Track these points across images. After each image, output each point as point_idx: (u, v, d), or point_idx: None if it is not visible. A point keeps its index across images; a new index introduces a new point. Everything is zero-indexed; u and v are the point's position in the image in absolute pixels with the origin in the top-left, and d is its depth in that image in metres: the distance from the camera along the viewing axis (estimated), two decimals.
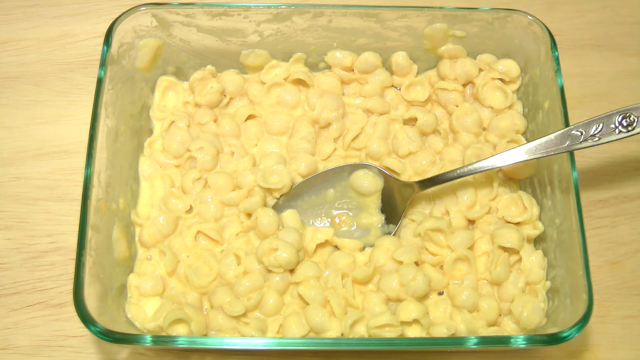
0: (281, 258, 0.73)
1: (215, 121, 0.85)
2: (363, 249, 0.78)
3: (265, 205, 0.79)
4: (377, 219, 0.79)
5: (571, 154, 0.74)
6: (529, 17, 0.81)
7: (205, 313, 0.74)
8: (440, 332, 0.71)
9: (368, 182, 0.80)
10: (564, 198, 0.74)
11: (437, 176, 0.77)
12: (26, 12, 0.99)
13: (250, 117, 0.86)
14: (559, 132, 0.71)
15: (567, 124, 0.75)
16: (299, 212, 0.79)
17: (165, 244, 0.78)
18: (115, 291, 0.73)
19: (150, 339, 0.65)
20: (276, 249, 0.74)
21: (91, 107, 0.75)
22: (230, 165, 0.82)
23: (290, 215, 0.78)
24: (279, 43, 0.86)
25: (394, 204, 0.79)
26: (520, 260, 0.77)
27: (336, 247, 0.78)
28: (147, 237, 0.78)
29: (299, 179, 0.80)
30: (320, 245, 0.78)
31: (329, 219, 0.80)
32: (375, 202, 0.80)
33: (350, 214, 0.80)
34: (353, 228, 0.80)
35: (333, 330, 0.72)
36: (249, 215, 0.79)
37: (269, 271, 0.75)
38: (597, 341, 0.79)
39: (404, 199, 0.78)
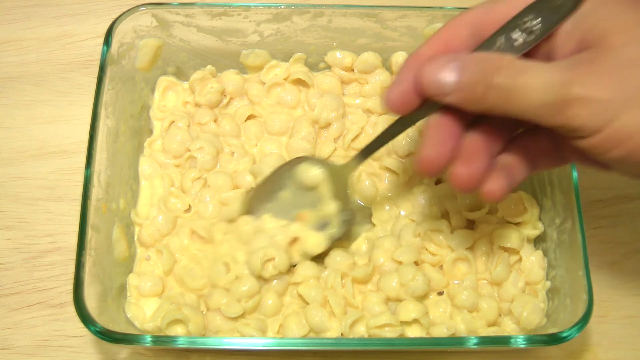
0: (280, 265, 0.73)
1: (215, 121, 0.85)
2: (331, 241, 0.76)
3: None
4: (333, 207, 0.76)
5: None
6: None
7: (203, 313, 0.74)
8: (440, 332, 0.71)
9: (310, 174, 0.76)
10: (564, 198, 0.74)
11: (370, 144, 0.71)
12: (26, 12, 0.99)
13: (250, 117, 0.86)
14: None
15: None
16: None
17: (162, 243, 0.78)
18: (115, 291, 0.74)
19: (150, 339, 0.65)
20: (273, 259, 0.73)
21: (91, 107, 0.75)
22: (230, 165, 0.82)
23: (267, 220, 0.77)
24: (279, 43, 0.86)
25: (342, 187, 0.76)
26: (520, 260, 0.77)
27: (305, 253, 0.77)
28: (147, 236, 0.78)
29: None
30: (294, 245, 0.77)
31: (294, 221, 0.78)
32: (327, 190, 0.76)
33: (311, 209, 0.77)
34: (318, 223, 0.77)
35: (333, 330, 0.72)
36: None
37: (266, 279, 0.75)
38: (597, 341, 0.80)
39: (348, 183, 0.76)
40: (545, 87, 0.52)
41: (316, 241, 0.76)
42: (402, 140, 0.83)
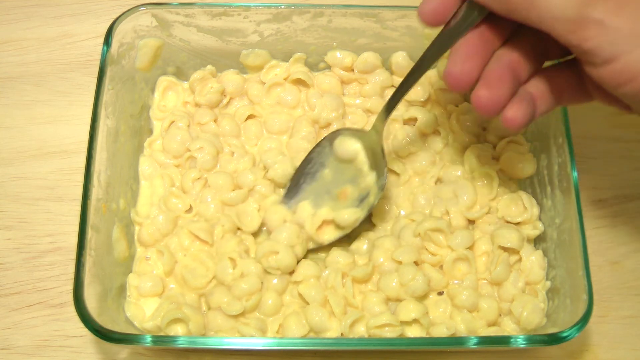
0: (281, 262, 0.73)
1: (215, 121, 0.85)
2: (370, 210, 0.77)
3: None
4: (371, 177, 0.77)
5: (571, 153, 0.74)
6: None
7: (204, 313, 0.74)
8: (440, 332, 0.71)
9: (347, 146, 0.78)
10: (564, 198, 0.74)
11: (390, 98, 0.73)
12: (26, 12, 0.99)
13: (250, 117, 0.86)
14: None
15: (567, 123, 0.75)
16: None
17: (162, 243, 0.78)
18: (115, 291, 0.74)
19: (150, 339, 0.65)
20: (277, 252, 0.73)
21: (91, 107, 0.75)
22: (230, 165, 0.82)
23: (303, 207, 0.78)
24: (279, 43, 0.86)
25: (377, 156, 0.77)
26: (520, 260, 0.77)
27: (341, 228, 0.77)
28: (146, 235, 0.78)
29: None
30: (324, 228, 0.77)
31: (334, 200, 0.79)
32: (364, 161, 0.78)
33: (351, 185, 0.78)
34: (356, 197, 0.78)
35: (333, 330, 0.72)
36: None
37: (268, 273, 0.75)
38: (597, 341, 0.79)
39: (379, 145, 0.76)
40: (567, 2, 0.53)
41: (350, 213, 0.77)
42: (402, 140, 0.83)
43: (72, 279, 0.67)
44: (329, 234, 0.78)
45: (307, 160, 0.80)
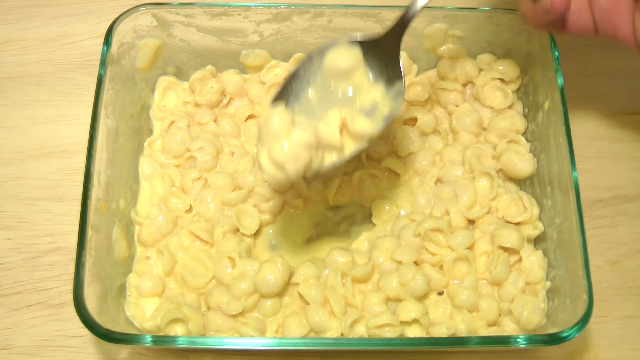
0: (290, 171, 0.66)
1: (215, 121, 0.85)
2: (386, 121, 0.68)
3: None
4: (377, 89, 0.69)
5: (571, 153, 0.74)
6: None
7: (203, 313, 0.74)
8: (440, 332, 0.71)
9: (346, 57, 0.68)
10: (564, 198, 0.74)
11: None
12: (26, 12, 0.99)
13: (250, 117, 0.86)
14: None
15: (567, 124, 0.75)
16: None
17: (162, 243, 0.78)
18: (115, 291, 0.74)
19: (150, 339, 0.65)
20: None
21: (91, 107, 0.75)
22: (230, 165, 0.82)
23: (301, 121, 0.67)
24: (279, 43, 0.86)
25: (386, 63, 0.69)
26: (520, 260, 0.77)
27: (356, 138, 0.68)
28: (146, 235, 0.78)
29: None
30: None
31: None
32: (364, 75, 0.69)
33: (349, 104, 0.68)
34: (364, 110, 0.68)
35: (333, 330, 0.72)
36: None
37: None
38: (597, 341, 0.79)
39: (395, 49, 0.68)
40: None
41: (366, 123, 0.68)
42: (402, 140, 0.83)
43: (72, 279, 0.67)
44: (348, 145, 0.68)
45: (295, 76, 0.70)
